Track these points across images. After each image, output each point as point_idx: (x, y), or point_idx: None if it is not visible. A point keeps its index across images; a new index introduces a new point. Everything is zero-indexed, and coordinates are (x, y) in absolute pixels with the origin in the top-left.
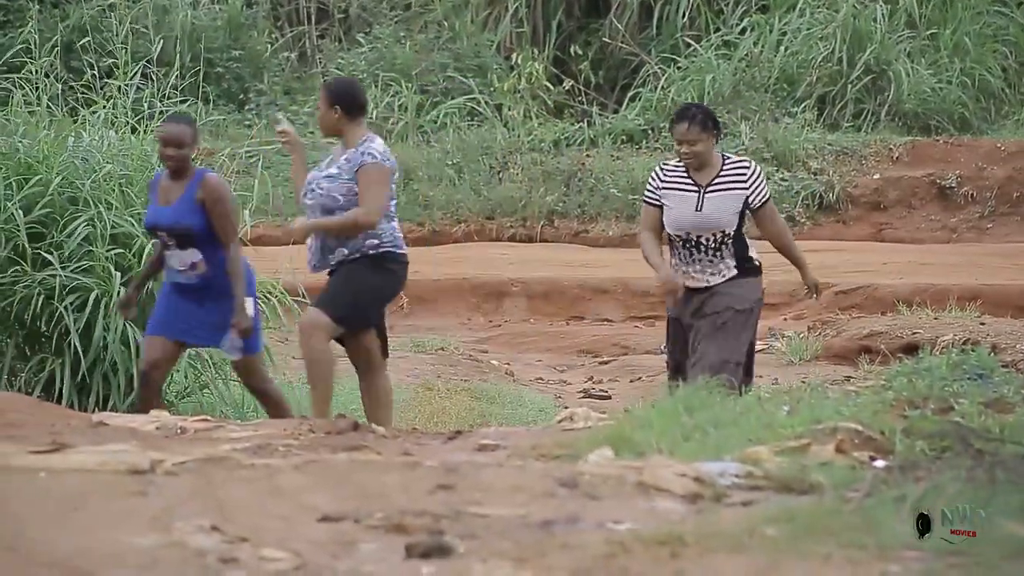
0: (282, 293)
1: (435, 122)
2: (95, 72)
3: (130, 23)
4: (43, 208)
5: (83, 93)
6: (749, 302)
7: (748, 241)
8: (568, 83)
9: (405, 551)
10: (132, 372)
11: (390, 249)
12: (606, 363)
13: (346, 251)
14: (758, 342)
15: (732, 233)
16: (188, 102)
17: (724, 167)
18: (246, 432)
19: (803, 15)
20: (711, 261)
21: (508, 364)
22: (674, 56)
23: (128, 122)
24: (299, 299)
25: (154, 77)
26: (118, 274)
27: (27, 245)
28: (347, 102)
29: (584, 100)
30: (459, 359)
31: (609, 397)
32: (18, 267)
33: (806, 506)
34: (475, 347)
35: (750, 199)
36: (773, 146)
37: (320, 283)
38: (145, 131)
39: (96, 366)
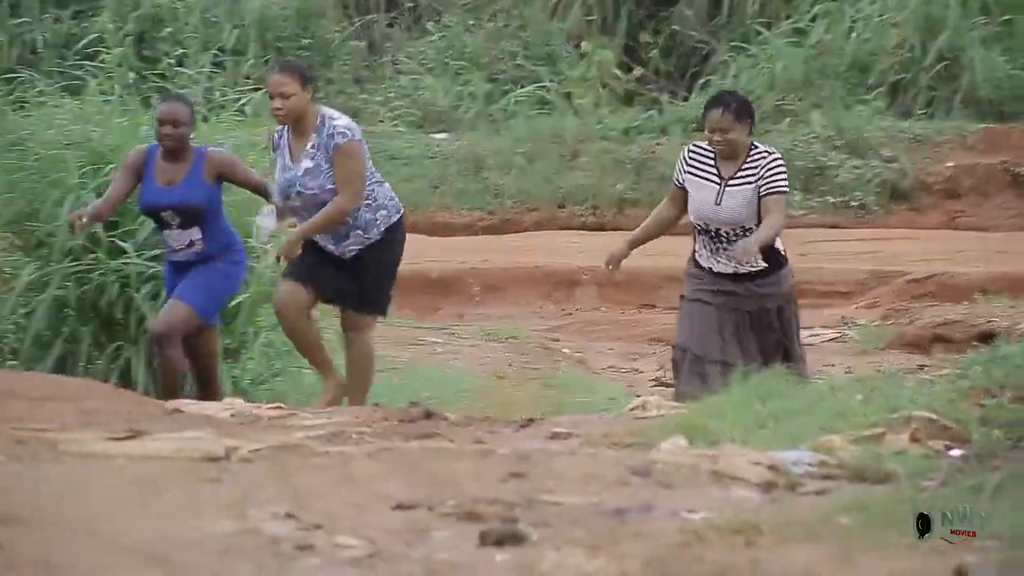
0: None
1: (505, 111)
2: (168, 61)
3: (201, 12)
4: None
5: (155, 82)
6: (782, 300)
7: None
8: (638, 71)
9: (479, 539)
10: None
11: (395, 215)
12: None
13: (362, 232)
14: (829, 330)
15: (754, 227)
16: (260, 90)
17: (749, 157)
18: (320, 420)
19: (875, 2)
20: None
21: (580, 352)
22: (744, 44)
23: (199, 110)
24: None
25: (225, 66)
26: None
27: (102, 233)
28: (313, 81)
29: (654, 88)
30: (530, 347)
31: None
32: (94, 255)
33: (881, 495)
34: (546, 335)
35: (761, 189)
36: (845, 134)
37: None
38: (217, 120)
39: None
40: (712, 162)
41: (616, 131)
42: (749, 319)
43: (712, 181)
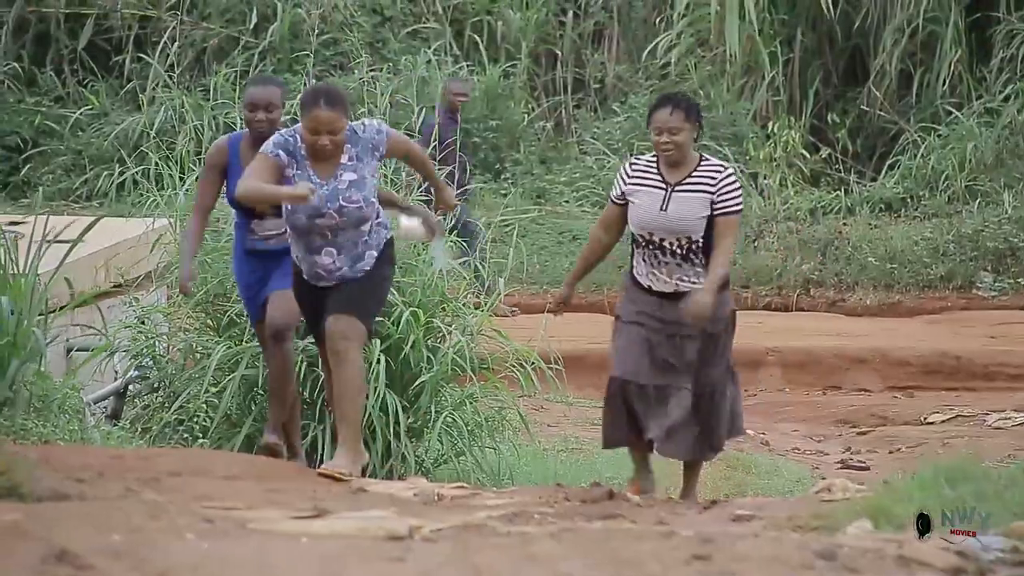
0: (537, 359)
1: None
2: None
3: (392, 94)
4: None
5: None
6: (724, 320)
7: None
8: (825, 151)
9: None
10: (390, 439)
11: (389, 232)
12: (864, 433)
13: (374, 252)
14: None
15: (701, 241)
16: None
17: (698, 168)
18: (502, 500)
19: None
20: (679, 265)
21: (764, 433)
22: (934, 124)
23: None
24: (552, 366)
25: None
26: (377, 342)
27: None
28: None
29: (841, 168)
30: None
31: (867, 468)
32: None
33: None
34: None
35: (715, 204)
36: None
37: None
38: (406, 196)
39: None
40: (655, 169)
41: (802, 211)
42: (684, 344)
43: (657, 187)
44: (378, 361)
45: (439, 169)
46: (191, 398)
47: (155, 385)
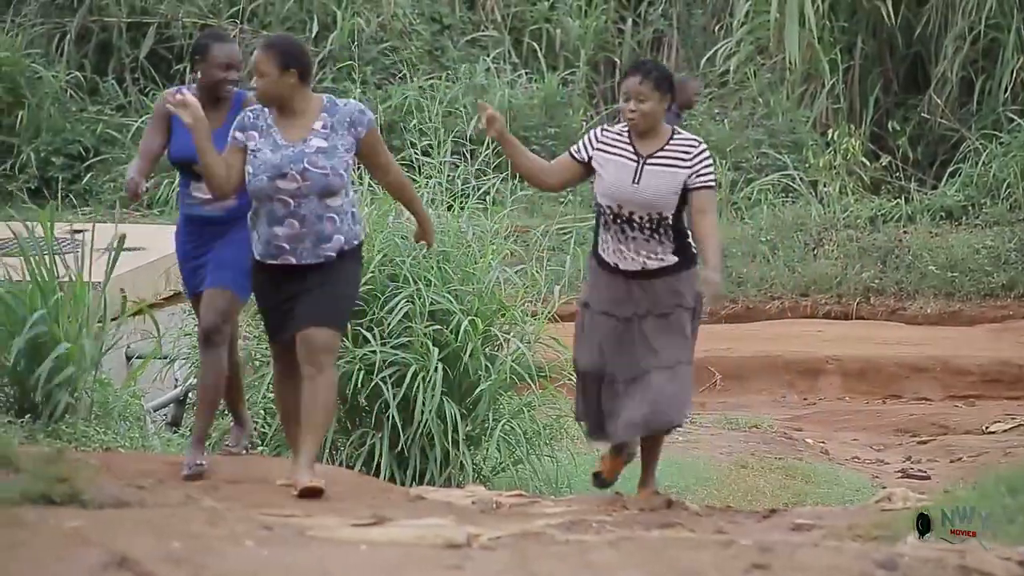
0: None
1: (749, 199)
2: (414, 150)
3: (448, 103)
4: (364, 285)
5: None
6: (693, 299)
7: (687, 228)
8: (885, 159)
9: None
10: (449, 447)
11: (363, 234)
12: (924, 443)
13: (343, 239)
14: None
15: (671, 217)
16: (502, 178)
17: (671, 141)
18: (560, 508)
19: None
20: (647, 241)
21: (823, 442)
22: (995, 131)
23: (444, 200)
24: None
25: (468, 156)
26: (436, 350)
27: (349, 322)
28: (304, 65)
29: (902, 176)
30: (773, 436)
31: (928, 477)
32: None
33: None
34: (789, 425)
35: (688, 180)
36: None
37: None
38: (461, 208)
39: (413, 440)
40: (627, 140)
41: (862, 219)
42: (655, 322)
43: (627, 158)
44: (436, 369)
45: None
46: (250, 405)
47: None
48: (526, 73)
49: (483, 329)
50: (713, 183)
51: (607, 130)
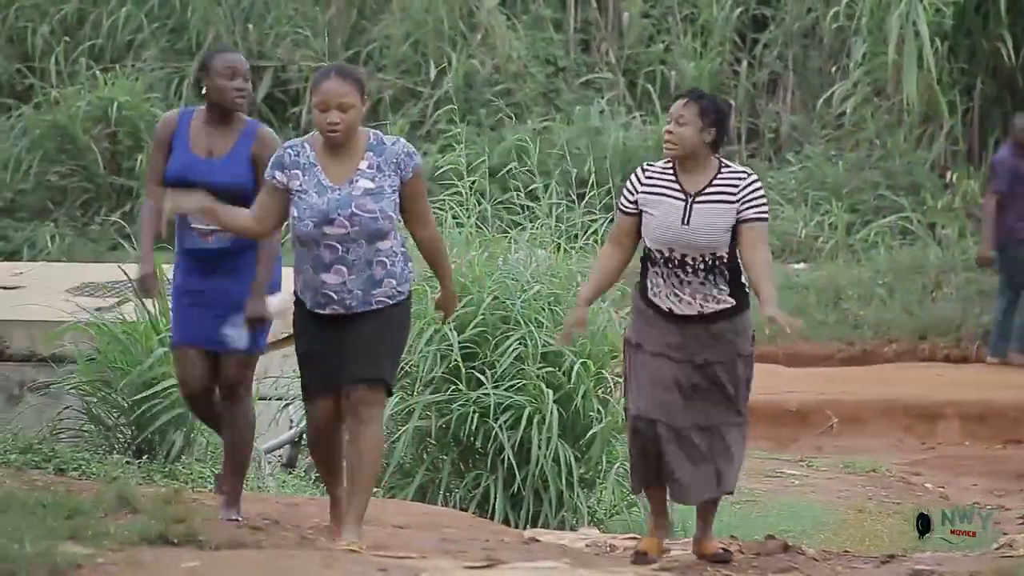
0: None
1: (866, 241)
2: (524, 192)
3: (561, 146)
4: (475, 328)
5: (515, 213)
6: (749, 345)
7: (740, 266)
8: None
9: None
10: (563, 489)
11: (412, 277)
12: None
13: (395, 283)
14: None
15: (726, 256)
16: (610, 218)
17: (719, 175)
18: (675, 551)
19: None
20: (702, 284)
21: (942, 487)
22: None
23: (555, 241)
24: None
25: (576, 198)
26: (549, 391)
27: (461, 364)
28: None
29: None
30: (891, 481)
31: None
32: (453, 386)
33: None
34: (907, 469)
35: (739, 213)
36: None
37: None
38: (569, 250)
39: (528, 482)
40: (672, 176)
41: None
42: (705, 372)
43: (675, 197)
44: (551, 412)
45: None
46: None
47: None
48: (640, 115)
49: (595, 371)
50: (765, 215)
51: (650, 167)
